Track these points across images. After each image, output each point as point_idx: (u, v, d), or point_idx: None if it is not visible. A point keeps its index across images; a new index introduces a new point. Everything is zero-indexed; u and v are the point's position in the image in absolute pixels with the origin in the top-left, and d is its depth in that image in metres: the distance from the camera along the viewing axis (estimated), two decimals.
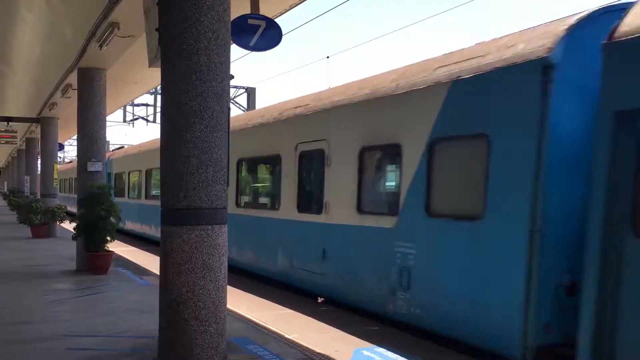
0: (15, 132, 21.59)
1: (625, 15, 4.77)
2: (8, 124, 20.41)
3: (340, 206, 8.43)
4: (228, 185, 5.48)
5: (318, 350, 6.24)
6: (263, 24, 6.96)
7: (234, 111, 13.30)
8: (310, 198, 9.40)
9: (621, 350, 4.55)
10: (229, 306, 5.73)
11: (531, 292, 5.46)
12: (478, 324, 6.05)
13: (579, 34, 5.56)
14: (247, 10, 6.97)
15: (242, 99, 29.57)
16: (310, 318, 8.09)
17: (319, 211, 8.91)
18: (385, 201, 8.02)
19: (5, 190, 52.22)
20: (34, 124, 20.83)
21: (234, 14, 5.86)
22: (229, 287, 5.57)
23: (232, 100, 27.73)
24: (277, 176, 10.41)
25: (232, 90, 27.94)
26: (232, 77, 5.42)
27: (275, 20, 7.68)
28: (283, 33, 7.19)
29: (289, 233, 9.76)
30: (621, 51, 4.64)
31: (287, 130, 9.99)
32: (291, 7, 8.51)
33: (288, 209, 9.81)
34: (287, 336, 6.76)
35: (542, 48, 5.60)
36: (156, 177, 18.00)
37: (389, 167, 8.21)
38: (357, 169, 8.10)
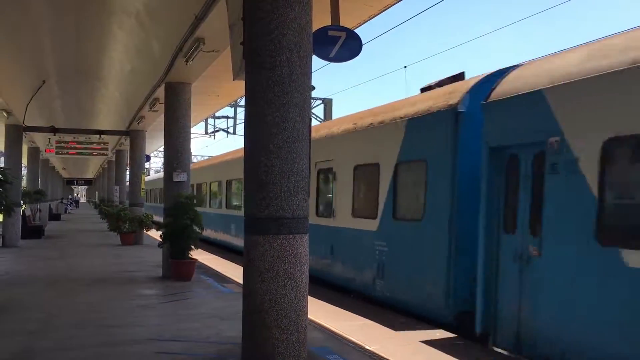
0: (107, 144, 22.77)
1: (496, 84, 7.37)
2: (100, 136, 21.57)
3: None
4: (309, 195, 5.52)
5: None
6: (343, 35, 6.99)
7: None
8: None
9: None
10: (308, 315, 5.76)
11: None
12: None
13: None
14: (327, 22, 7.03)
15: (319, 110, 29.92)
16: (390, 329, 7.99)
17: None
18: None
19: (97, 199, 55.15)
20: (124, 136, 21.92)
21: (315, 26, 5.93)
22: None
23: None
24: None
25: None
26: (314, 88, 5.49)
27: (355, 30, 7.71)
28: (363, 43, 7.20)
29: None
30: (491, 109, 7.20)
31: None
32: (370, 18, 8.52)
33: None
34: (367, 347, 6.70)
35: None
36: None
37: None
38: None
